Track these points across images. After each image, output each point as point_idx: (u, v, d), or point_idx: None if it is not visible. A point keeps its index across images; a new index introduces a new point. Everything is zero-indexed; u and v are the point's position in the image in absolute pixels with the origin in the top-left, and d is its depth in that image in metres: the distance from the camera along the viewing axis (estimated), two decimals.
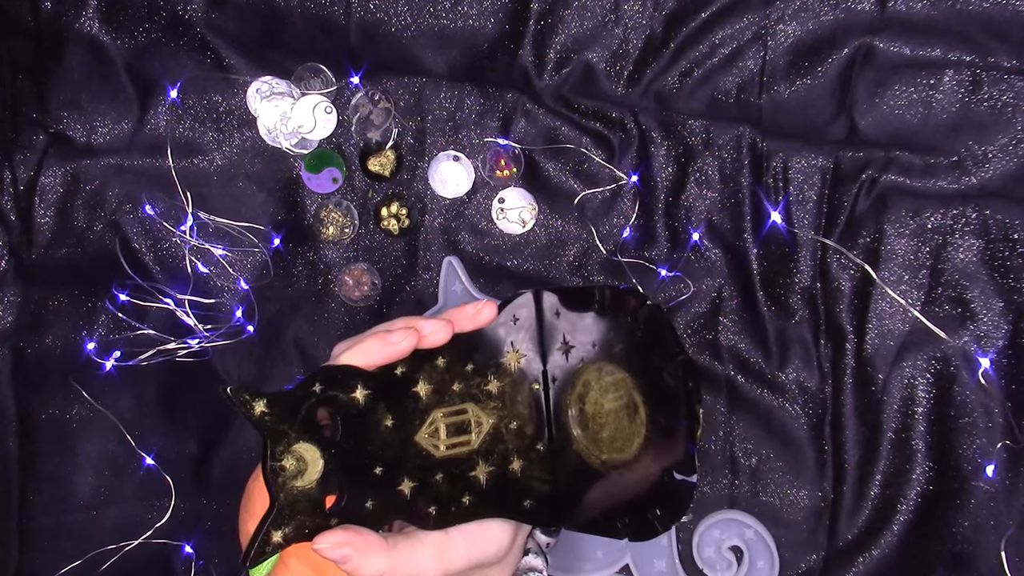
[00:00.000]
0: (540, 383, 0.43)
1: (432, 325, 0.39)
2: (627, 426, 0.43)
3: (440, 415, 0.40)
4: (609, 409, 0.43)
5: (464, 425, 0.41)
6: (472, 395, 0.41)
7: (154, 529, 0.68)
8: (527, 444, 0.42)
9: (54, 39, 0.67)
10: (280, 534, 0.36)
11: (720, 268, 0.68)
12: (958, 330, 0.64)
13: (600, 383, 0.43)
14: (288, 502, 0.36)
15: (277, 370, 0.71)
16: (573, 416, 0.43)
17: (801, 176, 0.66)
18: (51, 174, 0.67)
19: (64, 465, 0.67)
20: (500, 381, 0.42)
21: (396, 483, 0.39)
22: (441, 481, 0.40)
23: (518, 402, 0.42)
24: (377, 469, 0.38)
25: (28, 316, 0.66)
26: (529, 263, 0.70)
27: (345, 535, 0.36)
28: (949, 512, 0.64)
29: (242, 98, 0.69)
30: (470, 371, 0.41)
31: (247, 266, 0.70)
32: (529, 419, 0.42)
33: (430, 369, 0.40)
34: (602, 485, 0.43)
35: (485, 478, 0.41)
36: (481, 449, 0.41)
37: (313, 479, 0.36)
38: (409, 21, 0.68)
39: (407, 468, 0.39)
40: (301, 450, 0.36)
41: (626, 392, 0.43)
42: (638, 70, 0.68)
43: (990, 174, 0.65)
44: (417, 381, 0.40)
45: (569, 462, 0.43)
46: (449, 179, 0.70)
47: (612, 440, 0.43)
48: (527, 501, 0.42)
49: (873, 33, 0.65)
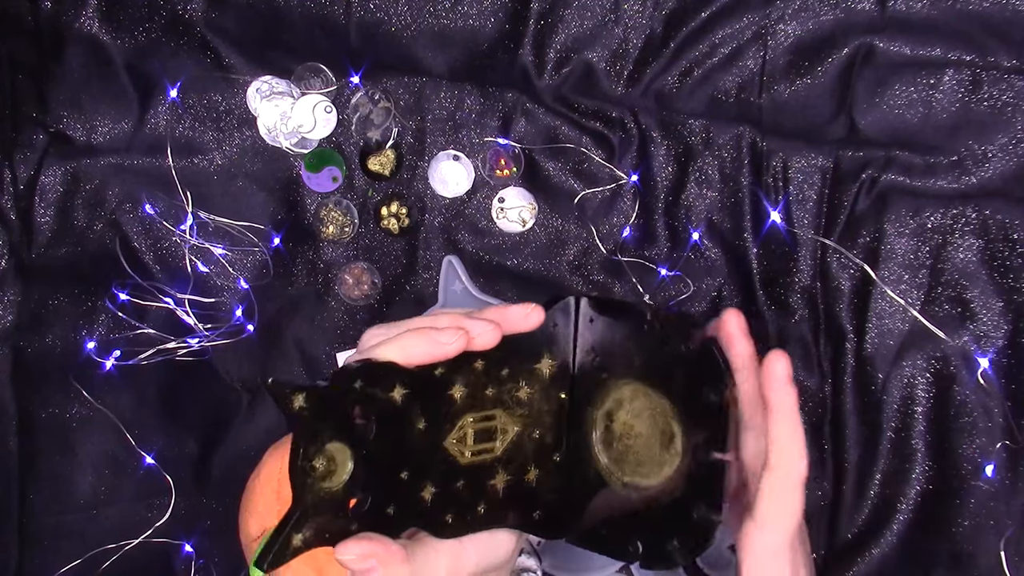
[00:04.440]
0: (567, 393, 0.42)
1: (482, 327, 0.37)
2: (658, 453, 0.41)
3: (470, 420, 0.39)
4: (639, 432, 0.41)
5: (491, 432, 0.39)
6: (503, 401, 0.40)
7: (154, 528, 0.68)
8: (545, 454, 0.41)
9: (54, 39, 0.67)
10: (301, 537, 0.34)
11: (720, 267, 0.68)
12: (958, 330, 0.64)
13: (633, 404, 0.41)
14: (312, 504, 0.34)
15: (277, 370, 0.71)
16: (599, 433, 0.42)
17: (801, 176, 0.66)
18: (51, 174, 0.67)
19: (64, 464, 0.67)
20: (530, 388, 0.41)
21: (419, 489, 0.37)
22: (462, 488, 0.39)
23: (544, 411, 0.41)
24: (404, 474, 0.37)
25: (28, 316, 0.66)
26: (529, 262, 0.70)
27: (370, 546, 0.34)
28: (949, 512, 0.64)
29: (242, 98, 0.69)
30: (505, 376, 0.40)
31: (247, 266, 0.70)
32: (550, 428, 0.41)
33: (468, 372, 0.38)
34: (616, 504, 0.42)
35: (503, 487, 0.40)
36: (503, 457, 0.40)
37: (341, 481, 0.35)
38: (409, 21, 0.68)
39: (431, 474, 0.38)
40: (333, 450, 0.34)
41: (663, 418, 0.41)
42: (638, 70, 0.68)
43: (990, 174, 0.65)
44: (454, 383, 0.38)
45: (585, 475, 0.42)
46: (449, 178, 0.70)
47: (638, 463, 0.41)
48: (537, 512, 0.41)
49: (873, 33, 0.65)
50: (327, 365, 0.71)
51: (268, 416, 0.71)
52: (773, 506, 0.38)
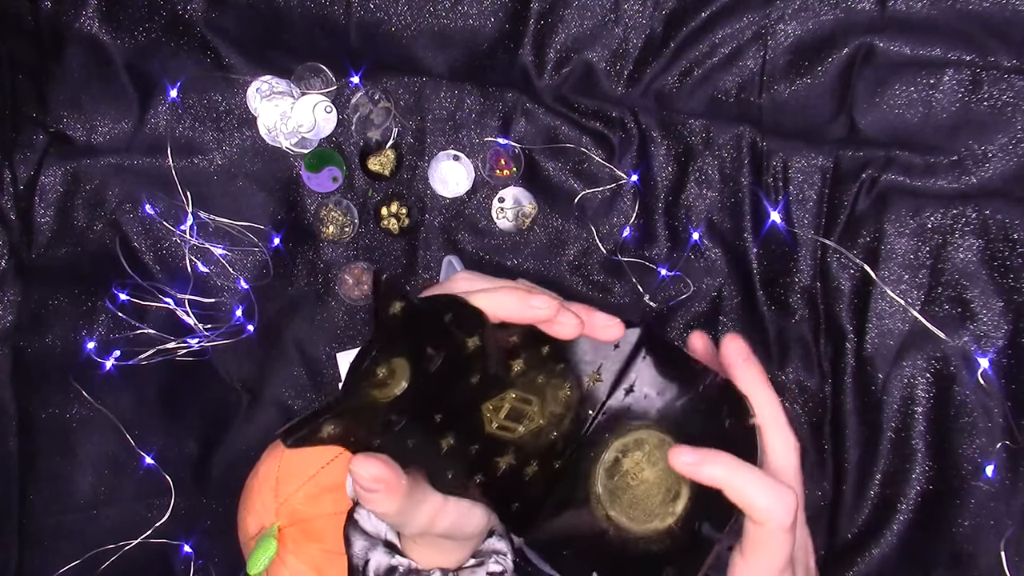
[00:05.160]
0: (595, 412, 0.42)
1: (568, 316, 0.38)
2: (656, 505, 0.41)
3: (512, 396, 0.40)
4: (645, 478, 0.42)
5: (522, 414, 0.40)
6: (544, 392, 0.41)
7: (154, 528, 0.68)
8: (551, 456, 0.42)
9: (54, 39, 0.67)
10: (329, 428, 0.34)
11: (720, 268, 0.68)
12: (958, 330, 0.64)
13: (653, 451, 0.42)
14: (355, 405, 0.35)
15: (277, 370, 0.71)
16: (607, 460, 0.42)
17: (801, 176, 0.66)
18: (51, 174, 0.67)
19: (64, 465, 0.67)
20: (570, 393, 0.42)
21: (442, 435, 0.38)
22: (474, 453, 0.40)
23: (570, 418, 0.42)
24: (438, 416, 0.38)
25: (28, 316, 0.66)
26: (529, 262, 0.70)
27: (385, 471, 0.35)
28: (949, 512, 0.64)
29: (242, 98, 0.69)
30: (558, 371, 0.41)
31: (247, 266, 0.70)
32: (566, 436, 0.42)
33: (535, 351, 0.40)
34: (587, 529, 0.42)
35: (503, 468, 0.41)
36: (518, 442, 0.41)
37: (391, 396, 0.35)
38: (409, 21, 0.68)
39: (458, 427, 0.39)
40: (397, 365, 0.35)
41: (676, 477, 0.41)
42: (638, 70, 0.68)
43: (990, 174, 0.65)
44: (519, 356, 0.39)
45: (574, 490, 0.42)
46: (449, 178, 0.70)
47: (631, 505, 0.42)
48: (516, 504, 0.42)
49: (873, 33, 0.65)
50: (327, 365, 0.71)
51: (268, 416, 0.71)
52: (761, 551, 0.38)
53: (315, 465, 0.61)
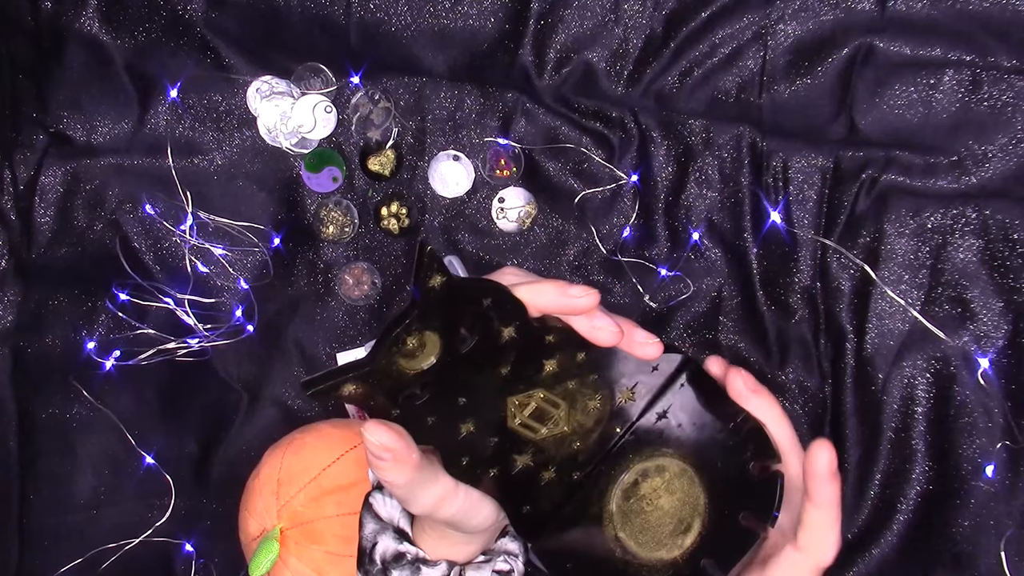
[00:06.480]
0: (622, 431, 0.42)
1: (607, 321, 0.38)
2: (666, 535, 0.41)
3: (540, 395, 0.40)
4: (661, 505, 0.41)
5: (546, 416, 0.40)
6: (574, 400, 0.41)
7: (154, 528, 0.68)
8: (570, 466, 0.42)
9: (54, 39, 0.67)
10: (351, 388, 0.35)
11: (720, 268, 0.68)
12: (958, 330, 0.64)
13: (673, 480, 0.41)
14: (381, 369, 0.35)
15: (277, 370, 0.71)
16: (625, 481, 0.42)
17: (801, 176, 0.66)
18: (51, 174, 0.67)
19: (64, 465, 0.67)
20: (601, 406, 0.41)
21: (463, 420, 0.39)
22: (492, 445, 0.40)
23: (597, 432, 0.42)
24: (462, 400, 0.38)
25: (28, 316, 0.66)
26: (529, 262, 0.70)
27: (396, 440, 0.35)
28: (949, 512, 0.64)
29: (242, 98, 0.69)
30: (591, 381, 0.41)
31: (247, 266, 0.70)
32: (589, 449, 0.42)
33: (570, 355, 0.40)
34: (595, 548, 0.42)
35: (520, 467, 0.41)
36: (539, 444, 0.41)
37: (417, 368, 0.36)
38: (409, 21, 0.68)
39: (481, 415, 0.39)
40: (428, 339, 0.36)
41: (691, 509, 0.41)
42: (638, 70, 0.68)
43: (990, 174, 0.65)
44: (554, 356, 0.39)
45: (587, 505, 0.42)
46: (449, 178, 0.70)
47: (641, 530, 0.41)
48: (527, 507, 0.42)
49: (873, 33, 0.65)
50: (327, 365, 0.71)
51: (268, 416, 0.71)
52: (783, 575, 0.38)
53: (317, 467, 0.61)
